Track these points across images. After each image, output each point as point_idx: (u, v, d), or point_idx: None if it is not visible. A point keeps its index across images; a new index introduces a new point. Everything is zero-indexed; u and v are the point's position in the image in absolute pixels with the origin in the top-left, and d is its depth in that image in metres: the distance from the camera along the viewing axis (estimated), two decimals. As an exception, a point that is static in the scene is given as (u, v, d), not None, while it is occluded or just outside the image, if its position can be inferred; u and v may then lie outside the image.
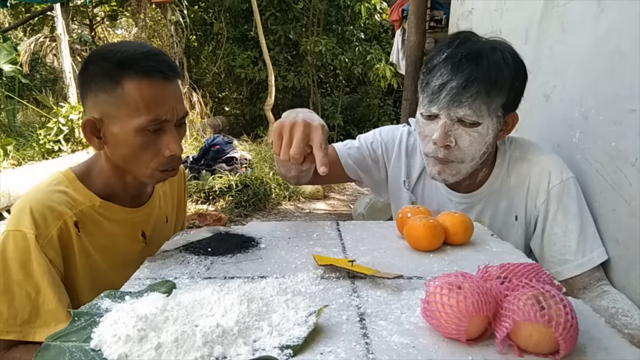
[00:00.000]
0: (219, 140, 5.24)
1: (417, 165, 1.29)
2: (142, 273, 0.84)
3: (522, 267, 0.65)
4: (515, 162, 1.17)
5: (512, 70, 1.05)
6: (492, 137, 1.09)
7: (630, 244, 1.01)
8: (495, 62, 1.03)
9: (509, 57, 1.06)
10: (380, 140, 1.33)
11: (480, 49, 1.05)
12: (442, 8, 3.86)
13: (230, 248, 0.94)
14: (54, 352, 0.58)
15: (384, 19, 7.88)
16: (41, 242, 0.89)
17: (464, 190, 1.22)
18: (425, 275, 0.81)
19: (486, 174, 1.20)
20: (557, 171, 1.11)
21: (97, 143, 0.95)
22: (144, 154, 0.94)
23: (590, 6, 1.14)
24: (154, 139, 0.94)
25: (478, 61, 1.03)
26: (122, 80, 0.89)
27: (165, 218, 1.16)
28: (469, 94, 1.02)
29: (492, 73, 1.02)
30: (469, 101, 1.02)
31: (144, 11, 7.63)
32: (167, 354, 0.55)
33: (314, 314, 0.63)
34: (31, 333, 0.88)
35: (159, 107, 0.92)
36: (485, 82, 1.02)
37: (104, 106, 0.91)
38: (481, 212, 1.21)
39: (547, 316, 0.54)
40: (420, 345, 0.59)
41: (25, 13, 8.46)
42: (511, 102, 1.08)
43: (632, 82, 1.00)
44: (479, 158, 1.11)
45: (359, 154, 1.32)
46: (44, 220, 0.90)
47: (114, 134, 0.92)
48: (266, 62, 7.00)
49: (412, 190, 1.30)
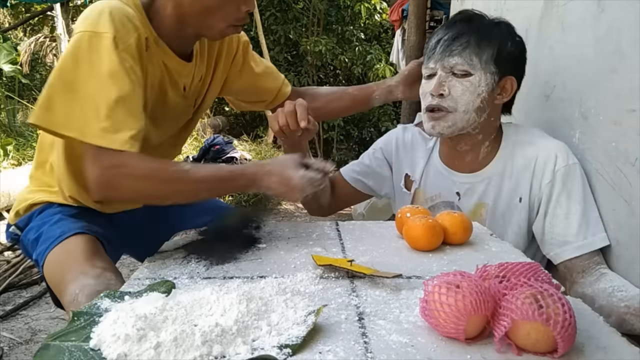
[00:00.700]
0: (219, 140, 5.24)
1: (420, 156, 1.34)
2: (142, 273, 0.85)
3: (521, 266, 0.65)
4: (522, 145, 1.19)
5: (504, 32, 1.16)
6: (486, 93, 1.15)
7: (630, 244, 1.01)
8: (486, 23, 1.17)
9: (503, 24, 1.18)
10: (380, 146, 1.42)
11: (474, 15, 1.20)
12: (442, 8, 3.86)
13: (229, 248, 0.94)
14: (54, 352, 0.58)
15: (384, 19, 7.88)
16: (120, 46, 0.88)
17: (467, 170, 1.24)
18: (424, 275, 0.81)
19: (491, 154, 1.22)
20: (564, 155, 1.13)
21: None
22: (225, 7, 0.98)
23: (590, 6, 1.14)
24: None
25: (470, 21, 1.17)
26: None
27: (200, 77, 1.16)
28: (458, 43, 1.13)
29: (482, 29, 1.15)
30: (459, 49, 1.13)
31: (144, 11, 7.63)
32: (166, 353, 0.55)
33: (313, 313, 0.63)
34: (89, 134, 0.86)
35: None
36: (474, 35, 1.13)
37: None
38: (484, 194, 1.22)
39: (546, 315, 0.54)
40: (419, 345, 0.59)
41: (25, 13, 8.47)
42: (505, 62, 1.15)
43: (632, 82, 1.00)
44: (473, 112, 1.15)
45: (362, 166, 1.41)
46: (122, 26, 0.90)
47: None
48: (266, 62, 7.00)
49: (420, 181, 1.33)
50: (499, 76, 1.15)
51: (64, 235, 0.99)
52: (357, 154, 8.22)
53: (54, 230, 1.01)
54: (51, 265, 0.98)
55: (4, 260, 2.77)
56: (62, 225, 1.02)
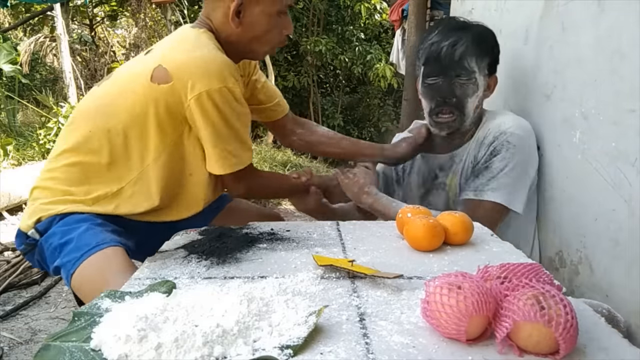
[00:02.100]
0: (219, 140, 5.23)
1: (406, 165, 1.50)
2: (142, 273, 0.84)
3: (522, 267, 0.65)
4: (491, 122, 1.32)
5: (492, 39, 1.33)
6: (482, 93, 1.32)
7: (630, 244, 1.01)
8: (479, 31, 1.30)
9: (487, 30, 1.33)
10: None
11: (464, 23, 1.32)
12: (442, 8, 3.86)
13: (230, 248, 0.94)
14: (54, 352, 0.58)
15: (384, 19, 7.87)
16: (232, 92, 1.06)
17: (447, 151, 1.38)
18: (425, 275, 0.81)
19: (470, 135, 1.35)
20: (509, 124, 1.26)
21: (237, 22, 1.11)
22: (272, 32, 1.15)
23: (590, 6, 1.13)
24: (280, 21, 1.16)
25: (465, 30, 1.29)
26: None
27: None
28: (463, 50, 1.25)
29: (478, 37, 1.27)
30: (464, 56, 1.25)
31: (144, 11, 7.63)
32: (167, 354, 0.55)
33: (314, 314, 0.63)
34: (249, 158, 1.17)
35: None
36: (474, 44, 1.26)
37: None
38: (456, 170, 1.35)
39: (547, 316, 0.54)
40: (420, 345, 0.59)
41: (25, 13, 8.45)
42: (493, 65, 1.32)
43: (632, 82, 1.00)
44: (472, 112, 1.30)
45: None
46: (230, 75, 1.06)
47: (254, 15, 1.11)
48: (266, 62, 7.00)
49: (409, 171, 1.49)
50: (489, 76, 1.32)
51: (101, 246, 1.00)
52: (357, 154, 8.20)
53: (88, 239, 1.01)
54: (86, 274, 0.98)
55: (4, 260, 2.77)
56: (95, 235, 1.02)
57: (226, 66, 1.06)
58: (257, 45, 1.16)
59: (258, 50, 1.18)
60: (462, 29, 1.29)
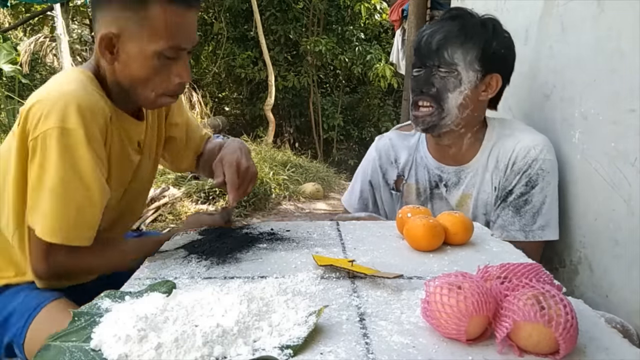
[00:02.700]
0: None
1: (402, 156, 1.39)
2: (142, 273, 0.84)
3: (522, 267, 0.65)
4: (504, 138, 1.24)
5: (489, 31, 1.18)
6: (469, 90, 1.19)
7: (629, 244, 1.01)
8: (471, 22, 1.19)
9: (489, 22, 1.20)
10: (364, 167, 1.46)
11: (462, 13, 1.21)
12: (442, 8, 3.85)
13: (230, 248, 0.94)
14: (54, 352, 0.58)
15: (384, 19, 7.87)
16: (89, 137, 0.87)
17: (452, 162, 1.30)
18: (425, 275, 0.81)
19: (475, 147, 1.27)
20: (538, 149, 1.18)
21: (110, 58, 0.94)
22: (154, 78, 0.95)
23: (590, 6, 1.14)
24: (167, 65, 0.94)
25: (456, 19, 1.20)
26: (149, 3, 0.90)
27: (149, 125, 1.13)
28: (443, 41, 1.17)
29: (466, 27, 1.17)
30: (443, 47, 1.17)
31: (144, 11, 7.62)
32: (167, 354, 0.55)
33: (314, 314, 0.63)
34: (75, 237, 0.88)
35: (180, 35, 0.93)
36: (458, 33, 1.17)
37: (126, 23, 0.91)
38: (468, 185, 1.27)
39: (547, 316, 0.54)
40: (420, 345, 0.59)
41: (25, 13, 8.45)
42: (489, 60, 1.18)
43: (632, 82, 1.00)
44: (456, 109, 1.20)
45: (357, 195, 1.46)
46: (91, 114, 0.88)
47: (128, 53, 0.92)
48: (266, 62, 7.00)
49: (407, 177, 1.38)
50: (482, 73, 1.20)
51: (42, 304, 0.93)
52: (357, 154, 8.22)
53: (28, 303, 0.94)
54: (36, 336, 0.90)
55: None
56: (34, 297, 0.95)
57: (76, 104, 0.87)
58: (141, 90, 0.96)
59: (142, 94, 0.97)
60: (452, 18, 1.21)
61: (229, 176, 1.02)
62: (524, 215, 1.18)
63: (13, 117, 5.89)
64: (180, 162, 1.27)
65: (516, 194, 1.19)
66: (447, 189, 1.30)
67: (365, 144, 8.37)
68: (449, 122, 1.22)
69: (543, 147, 1.18)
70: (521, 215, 1.18)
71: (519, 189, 1.18)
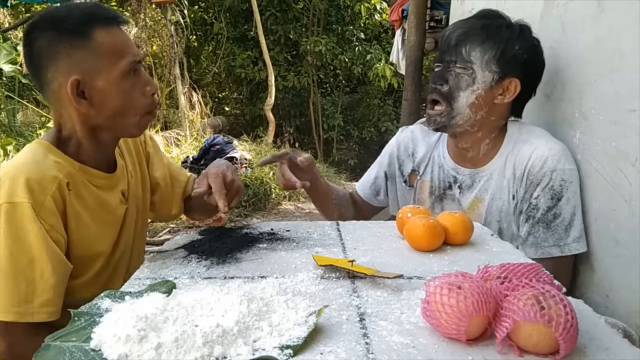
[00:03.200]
0: (219, 140, 5.23)
1: (420, 151, 1.38)
2: (142, 273, 0.84)
3: (522, 267, 0.65)
4: (521, 144, 1.20)
5: (514, 34, 1.15)
6: (483, 90, 1.16)
7: (630, 244, 1.01)
8: (497, 22, 1.17)
9: (517, 26, 1.17)
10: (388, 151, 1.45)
11: (490, 13, 1.20)
12: (442, 8, 3.85)
13: (230, 248, 0.94)
14: (54, 352, 0.58)
15: (384, 19, 7.88)
16: (37, 209, 0.85)
17: (468, 165, 1.27)
18: (425, 275, 0.81)
19: (492, 152, 1.24)
20: (555, 159, 1.14)
21: (85, 105, 0.92)
22: (132, 98, 0.95)
23: (590, 6, 1.13)
24: (135, 82, 0.95)
25: (482, 18, 1.19)
26: (91, 33, 0.90)
27: (130, 174, 1.12)
28: (463, 38, 1.16)
29: (489, 26, 1.16)
30: (461, 42, 1.16)
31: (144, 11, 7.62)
32: (167, 354, 0.55)
33: (314, 314, 0.63)
34: (29, 313, 0.84)
35: (130, 49, 0.95)
36: (480, 31, 1.15)
37: (83, 63, 0.90)
38: (482, 189, 1.25)
39: (547, 316, 0.54)
40: (420, 345, 0.59)
41: (25, 13, 8.45)
42: (508, 64, 1.15)
43: (632, 82, 1.00)
44: (468, 109, 1.18)
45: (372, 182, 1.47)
46: (39, 186, 0.87)
47: (100, 89, 0.92)
48: (266, 62, 7.00)
49: (422, 174, 1.37)
50: (500, 75, 1.16)
51: None
52: (357, 154, 8.23)
53: None
54: None
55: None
56: None
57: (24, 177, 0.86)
58: (122, 119, 0.96)
59: (126, 123, 0.97)
60: (478, 17, 1.20)
61: (215, 185, 1.00)
62: (555, 229, 1.13)
63: (13, 117, 5.89)
64: (170, 207, 1.23)
65: (543, 210, 1.14)
66: (461, 191, 1.28)
67: (365, 144, 8.37)
68: (461, 121, 1.20)
69: (561, 157, 1.13)
70: (552, 230, 1.14)
71: (544, 203, 1.14)
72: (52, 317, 0.86)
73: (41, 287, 0.85)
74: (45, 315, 0.85)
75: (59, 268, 0.88)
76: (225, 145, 5.23)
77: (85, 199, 0.97)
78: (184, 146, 6.13)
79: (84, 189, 0.97)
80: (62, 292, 0.89)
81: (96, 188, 1.00)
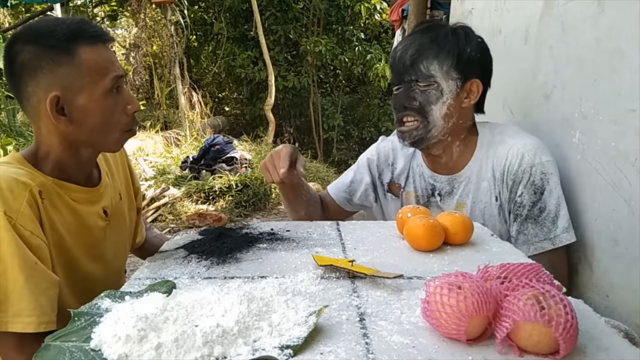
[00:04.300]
0: (219, 140, 5.24)
1: (400, 162, 1.39)
2: (142, 273, 0.85)
3: (522, 267, 0.65)
4: (496, 145, 1.22)
5: (461, 39, 1.19)
6: (452, 99, 1.18)
7: (629, 244, 1.01)
8: (442, 33, 1.19)
9: (460, 30, 1.20)
10: (366, 157, 1.45)
11: (432, 25, 1.22)
12: (442, 8, 3.85)
13: (230, 248, 0.94)
14: (54, 352, 0.58)
15: (384, 19, 7.88)
16: (14, 217, 0.83)
17: (444, 172, 1.29)
18: (425, 275, 0.81)
19: (466, 155, 1.26)
20: (532, 154, 1.16)
21: (64, 122, 0.91)
22: (113, 116, 0.94)
23: (590, 6, 1.14)
24: (117, 100, 0.95)
25: (427, 32, 1.20)
26: (76, 50, 0.89)
27: (119, 195, 1.12)
28: (417, 55, 1.17)
29: (437, 38, 1.17)
30: (417, 59, 1.17)
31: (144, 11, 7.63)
32: (167, 354, 0.55)
33: (314, 314, 0.63)
34: (3, 323, 0.82)
35: (113, 66, 0.94)
36: (431, 45, 1.16)
37: (64, 79, 0.89)
38: (463, 194, 1.26)
39: (547, 316, 0.54)
40: (420, 345, 0.59)
41: (25, 13, 8.46)
42: (466, 67, 1.18)
43: (632, 82, 1.00)
44: (441, 120, 1.19)
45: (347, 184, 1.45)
46: (11, 194, 0.84)
47: (80, 106, 0.91)
48: (266, 62, 7.01)
49: (405, 185, 1.37)
50: (462, 81, 1.19)
51: None
52: (357, 153, 8.21)
53: None
54: None
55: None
56: None
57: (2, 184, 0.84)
58: (102, 136, 0.95)
59: (106, 140, 0.96)
60: (422, 31, 1.21)
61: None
62: (543, 223, 1.15)
63: (13, 117, 5.90)
64: (137, 234, 1.24)
65: (528, 206, 1.16)
66: (442, 198, 1.29)
67: (365, 143, 8.36)
68: (436, 133, 1.21)
69: (537, 151, 1.16)
70: (540, 224, 1.15)
71: (529, 199, 1.16)
72: (32, 327, 0.82)
73: (14, 297, 0.82)
74: (20, 325, 0.81)
75: (35, 277, 0.84)
76: (225, 145, 5.23)
77: (59, 209, 0.95)
78: (184, 146, 6.14)
79: (59, 200, 0.95)
80: (45, 303, 0.84)
81: (72, 200, 0.98)
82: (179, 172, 5.08)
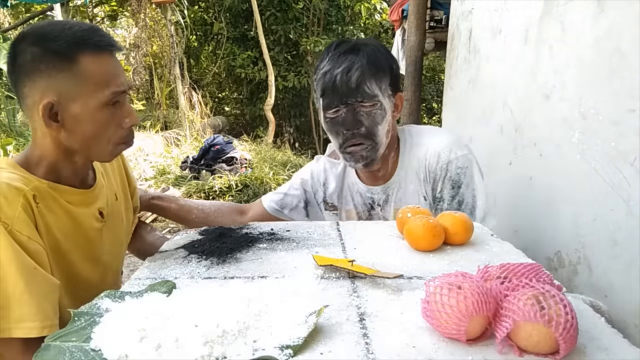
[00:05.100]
0: (219, 140, 5.24)
1: (331, 182, 1.38)
2: (142, 273, 0.85)
3: (522, 267, 0.65)
4: (415, 148, 1.26)
5: (387, 56, 1.21)
6: (390, 116, 1.21)
7: (629, 243, 1.01)
8: (372, 51, 1.19)
9: (381, 47, 1.22)
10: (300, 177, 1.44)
11: (355, 44, 1.20)
12: (442, 8, 3.85)
13: (230, 248, 0.94)
14: (54, 352, 0.58)
15: (384, 19, 7.89)
16: (10, 223, 0.82)
17: (380, 182, 1.31)
18: (425, 275, 0.81)
19: (394, 162, 1.29)
20: (447, 150, 1.20)
21: (55, 127, 0.90)
22: (107, 129, 0.93)
23: (590, 6, 1.14)
24: (114, 112, 0.93)
25: (356, 53, 1.17)
26: (77, 58, 0.88)
27: (114, 196, 1.11)
28: (360, 76, 1.15)
29: (372, 58, 1.17)
30: (362, 81, 1.15)
31: (144, 11, 7.63)
32: (167, 354, 0.55)
33: (314, 314, 0.63)
34: (6, 329, 0.81)
35: (116, 80, 0.92)
36: (369, 66, 1.16)
37: (62, 86, 0.88)
38: (397, 200, 1.29)
39: (547, 316, 0.54)
40: (420, 345, 0.59)
41: (25, 13, 8.46)
42: (395, 82, 1.22)
43: (631, 82, 1.00)
44: (385, 137, 1.22)
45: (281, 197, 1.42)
46: (6, 200, 0.84)
47: (74, 114, 0.89)
48: (266, 62, 7.01)
49: (343, 204, 1.38)
50: (393, 96, 1.22)
51: None
52: (356, 154, 8.21)
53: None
54: None
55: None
56: None
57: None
58: (94, 147, 0.94)
59: (98, 151, 0.95)
60: (352, 51, 1.18)
61: None
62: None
63: (13, 117, 5.90)
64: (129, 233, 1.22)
65: (447, 200, 1.21)
66: (382, 208, 1.31)
67: (365, 144, 8.36)
68: (382, 151, 1.23)
69: (452, 147, 1.19)
70: None
71: (447, 194, 1.21)
72: (35, 332, 0.81)
73: (16, 302, 0.81)
74: (23, 331, 0.81)
75: (35, 282, 0.83)
76: (225, 145, 5.23)
77: (54, 212, 0.94)
78: (184, 146, 6.14)
79: (53, 203, 0.94)
80: (47, 307, 0.83)
81: (68, 203, 0.97)
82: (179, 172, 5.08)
